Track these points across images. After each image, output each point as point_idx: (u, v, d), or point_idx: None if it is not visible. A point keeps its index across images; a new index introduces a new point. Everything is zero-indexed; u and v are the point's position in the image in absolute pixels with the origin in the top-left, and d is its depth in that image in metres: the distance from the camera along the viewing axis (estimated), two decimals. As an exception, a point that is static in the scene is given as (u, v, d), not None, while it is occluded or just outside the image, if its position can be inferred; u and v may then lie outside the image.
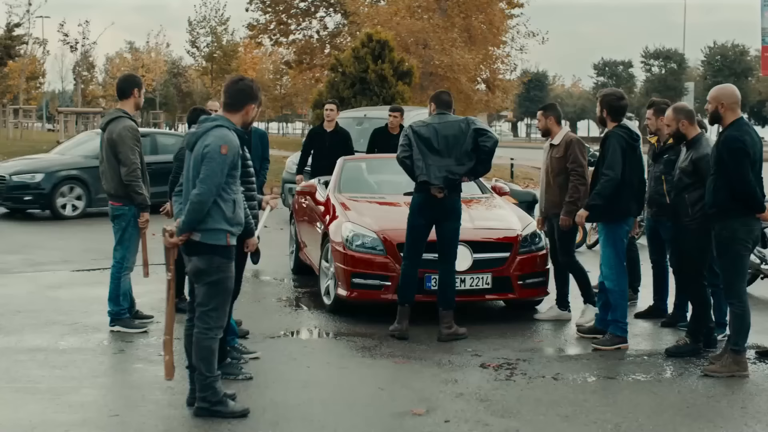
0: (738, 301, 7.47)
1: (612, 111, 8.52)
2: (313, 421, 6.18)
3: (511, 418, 6.34)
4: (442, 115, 8.82)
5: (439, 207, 8.59)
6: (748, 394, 7.02)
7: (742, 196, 7.30)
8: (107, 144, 8.32)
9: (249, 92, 6.28)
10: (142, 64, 79.27)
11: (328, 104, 13.35)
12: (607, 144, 8.35)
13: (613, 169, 8.28)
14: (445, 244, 8.67)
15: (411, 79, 29.17)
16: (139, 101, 8.52)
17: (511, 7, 46.56)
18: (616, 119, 8.53)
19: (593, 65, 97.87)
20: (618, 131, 8.42)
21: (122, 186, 8.27)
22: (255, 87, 6.36)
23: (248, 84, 6.32)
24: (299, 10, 53.83)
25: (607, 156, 8.31)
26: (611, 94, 8.68)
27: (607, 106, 8.54)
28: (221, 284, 6.15)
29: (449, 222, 8.63)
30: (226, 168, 6.00)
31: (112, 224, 8.57)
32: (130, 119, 8.37)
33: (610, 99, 8.61)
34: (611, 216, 8.39)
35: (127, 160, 8.19)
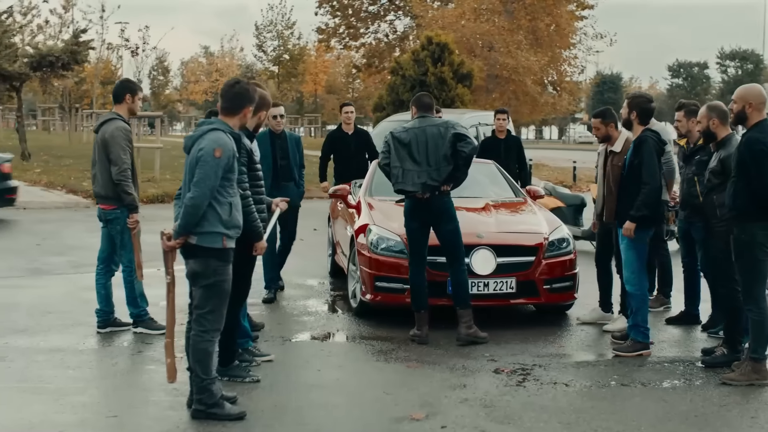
0: (756, 308, 7.25)
1: (642, 114, 8.34)
2: (308, 425, 6.16)
3: (511, 424, 6.24)
4: (422, 119, 8.71)
5: (429, 210, 8.51)
6: (762, 404, 6.82)
7: (763, 200, 7.09)
8: (100, 145, 8.38)
9: (245, 95, 6.30)
10: (216, 68, 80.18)
11: (346, 106, 13.22)
12: (642, 150, 8.14)
13: (654, 177, 8.13)
14: (447, 246, 8.60)
15: (471, 82, 29.02)
16: (132, 106, 8.54)
17: (581, 8, 46.11)
18: (644, 122, 8.36)
19: (668, 67, 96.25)
20: (650, 135, 8.26)
21: (113, 187, 8.32)
22: (251, 90, 6.37)
23: (244, 87, 6.34)
24: (368, 13, 53.91)
25: (643, 163, 8.12)
26: (641, 96, 8.51)
27: (638, 109, 8.36)
28: (217, 287, 6.16)
29: (443, 224, 8.54)
30: (220, 171, 6.01)
31: (103, 228, 8.65)
32: (123, 122, 8.44)
33: (641, 101, 8.43)
34: (643, 221, 8.20)
35: (118, 159, 8.25)
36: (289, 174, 10.49)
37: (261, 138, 9.37)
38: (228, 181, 6.12)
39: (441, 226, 8.55)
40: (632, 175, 8.19)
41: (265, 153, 9.32)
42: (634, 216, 8.09)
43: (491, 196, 10.81)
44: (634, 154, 8.22)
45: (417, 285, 8.61)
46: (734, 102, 7.37)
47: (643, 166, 8.10)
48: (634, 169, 8.18)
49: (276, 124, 10.18)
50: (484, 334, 8.53)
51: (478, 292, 8.92)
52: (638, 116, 8.33)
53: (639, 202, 8.08)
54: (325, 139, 13.70)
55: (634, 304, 8.24)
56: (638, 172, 8.11)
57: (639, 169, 8.11)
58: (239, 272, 7.12)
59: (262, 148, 8.90)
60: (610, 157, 9.07)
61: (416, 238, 8.63)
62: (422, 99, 8.96)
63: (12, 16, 31.96)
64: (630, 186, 8.22)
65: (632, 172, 8.20)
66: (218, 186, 6.04)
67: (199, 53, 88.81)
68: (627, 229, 8.13)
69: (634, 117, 8.34)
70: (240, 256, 7.06)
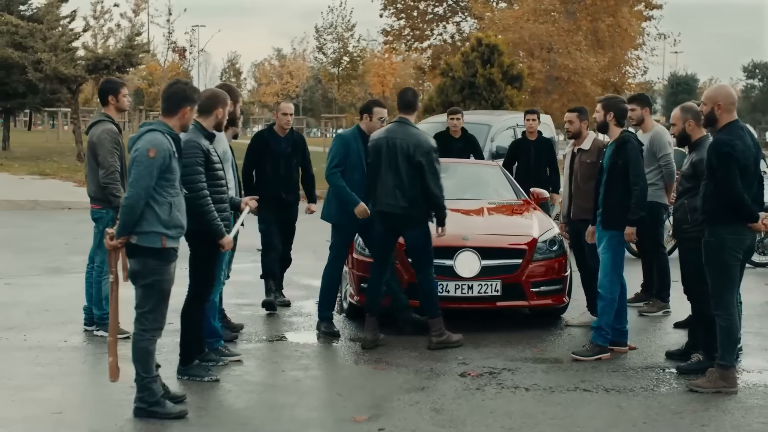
0: (725, 313, 7.08)
1: (619, 115, 8.26)
2: (247, 425, 6.19)
3: (451, 428, 6.18)
4: (399, 124, 8.43)
5: (395, 216, 8.35)
6: (720, 411, 6.65)
7: (730, 203, 6.92)
8: (89, 147, 8.49)
9: (182, 95, 6.35)
10: (288, 70, 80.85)
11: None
12: (627, 150, 8.04)
13: (642, 178, 8.09)
14: (413, 252, 8.47)
15: (521, 84, 28.79)
16: (119, 105, 8.62)
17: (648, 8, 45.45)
18: (621, 123, 8.25)
19: (742, 67, 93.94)
20: (632, 137, 8.14)
21: (101, 189, 8.43)
22: (189, 90, 6.41)
23: (181, 87, 6.39)
24: (434, 15, 53.81)
25: (630, 164, 8.02)
26: (616, 97, 8.42)
27: (615, 110, 8.25)
28: (156, 287, 6.22)
29: (410, 230, 8.34)
30: (155, 171, 6.06)
31: (95, 228, 8.77)
32: (111, 123, 8.52)
33: (617, 102, 8.33)
34: (621, 224, 8.06)
35: (105, 162, 8.33)
36: None
37: (351, 137, 8.91)
38: (167, 181, 6.16)
39: (408, 232, 8.38)
40: (616, 176, 8.05)
41: (357, 155, 8.82)
42: (632, 220, 7.98)
43: (492, 198, 10.71)
44: (617, 154, 8.09)
45: (373, 289, 8.54)
46: (703, 103, 7.21)
47: (631, 167, 7.99)
48: (618, 169, 8.04)
49: (285, 122, 10.02)
50: (457, 338, 8.43)
51: (462, 294, 8.85)
52: (615, 118, 8.20)
53: (633, 205, 7.98)
54: None
55: (600, 307, 8.11)
56: (623, 173, 8.00)
57: (624, 170, 7.99)
58: (201, 270, 7.22)
59: (353, 148, 8.75)
60: (578, 154, 8.95)
61: (381, 244, 8.55)
62: (402, 97, 8.64)
63: (74, 20, 32.72)
64: (615, 187, 8.08)
65: (616, 173, 8.06)
66: (156, 186, 6.10)
67: (271, 55, 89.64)
68: (628, 235, 8.02)
69: (611, 119, 8.21)
70: (201, 254, 7.16)
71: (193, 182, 6.84)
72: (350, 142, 8.81)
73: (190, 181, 6.82)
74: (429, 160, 8.17)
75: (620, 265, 8.15)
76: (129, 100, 8.88)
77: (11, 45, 28.40)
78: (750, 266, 12.83)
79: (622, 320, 8.35)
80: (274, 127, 10.11)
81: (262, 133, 10.28)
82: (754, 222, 6.99)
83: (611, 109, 8.23)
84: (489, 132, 18.24)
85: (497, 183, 11.20)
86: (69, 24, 32.34)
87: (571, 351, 8.23)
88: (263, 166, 9.93)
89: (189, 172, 6.84)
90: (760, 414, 6.60)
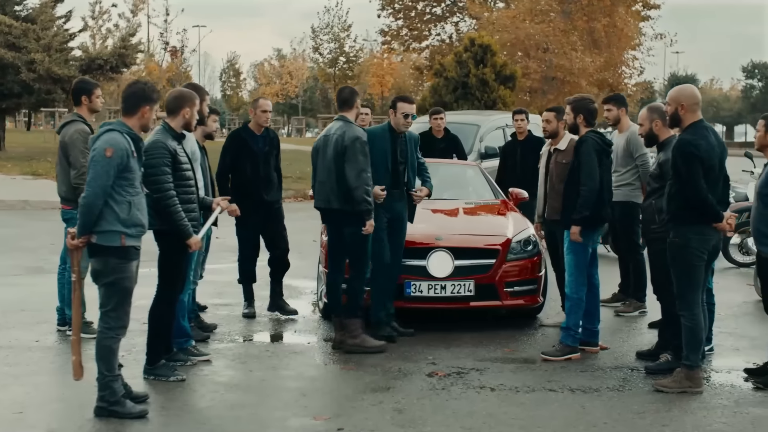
0: (689, 314, 7.07)
1: (589, 115, 8.23)
2: (206, 425, 6.20)
3: (411, 428, 6.18)
4: (337, 122, 8.39)
5: (331, 214, 8.37)
6: (682, 412, 6.64)
7: (694, 203, 6.91)
8: (60, 147, 8.49)
9: (141, 95, 6.36)
10: (288, 71, 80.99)
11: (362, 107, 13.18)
12: (581, 151, 8.03)
13: (592, 178, 8.00)
14: (347, 250, 8.42)
15: (514, 84, 28.78)
16: (92, 106, 8.61)
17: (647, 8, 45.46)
18: (591, 124, 8.24)
19: (741, 67, 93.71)
20: (592, 137, 8.13)
21: (72, 189, 8.42)
22: (148, 89, 6.42)
23: (140, 87, 6.41)
24: (433, 15, 53.82)
25: (581, 164, 8.00)
26: (584, 98, 8.38)
27: (585, 111, 8.23)
28: (118, 285, 6.23)
29: (347, 227, 8.27)
30: (112, 170, 6.07)
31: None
32: (84, 123, 8.52)
33: (586, 103, 8.30)
34: (582, 224, 8.06)
35: (76, 162, 8.32)
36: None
37: (379, 133, 8.78)
38: (126, 180, 6.17)
39: (345, 228, 8.33)
40: (574, 176, 8.06)
41: (382, 152, 8.67)
42: (576, 219, 7.96)
43: (470, 198, 10.72)
44: (575, 155, 8.10)
45: (331, 290, 8.55)
46: (668, 104, 7.22)
47: (581, 166, 7.98)
48: (574, 170, 8.04)
49: (265, 120, 9.71)
50: (376, 343, 8.27)
51: (435, 294, 8.85)
52: (585, 119, 8.19)
53: (579, 204, 7.95)
54: None
55: (567, 308, 8.11)
56: (578, 173, 7.97)
57: (579, 171, 7.97)
58: (169, 271, 7.22)
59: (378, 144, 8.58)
60: (554, 154, 8.94)
61: (331, 243, 8.56)
62: (339, 94, 8.57)
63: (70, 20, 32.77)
64: (573, 188, 8.08)
65: (574, 173, 8.06)
66: (114, 185, 6.11)
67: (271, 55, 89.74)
68: (573, 234, 8.00)
69: (581, 120, 8.19)
70: (170, 255, 7.17)
71: (159, 182, 6.86)
72: (375, 139, 8.65)
73: (156, 182, 6.84)
74: (352, 150, 8.04)
75: (584, 264, 8.14)
76: (102, 101, 8.86)
77: (5, 45, 28.43)
78: (733, 266, 12.93)
79: (594, 320, 8.35)
80: (249, 124, 9.77)
81: (238, 132, 9.90)
82: (719, 222, 7.00)
83: (580, 111, 8.21)
84: (478, 132, 18.25)
85: (476, 183, 11.20)
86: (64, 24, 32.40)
87: (541, 351, 8.23)
88: (241, 167, 9.54)
89: (156, 172, 6.86)
90: (723, 414, 6.59)
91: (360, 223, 8.12)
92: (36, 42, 27.73)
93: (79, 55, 29.15)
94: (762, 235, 7.23)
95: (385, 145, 8.71)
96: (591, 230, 8.11)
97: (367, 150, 8.09)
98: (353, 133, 8.12)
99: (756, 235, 7.35)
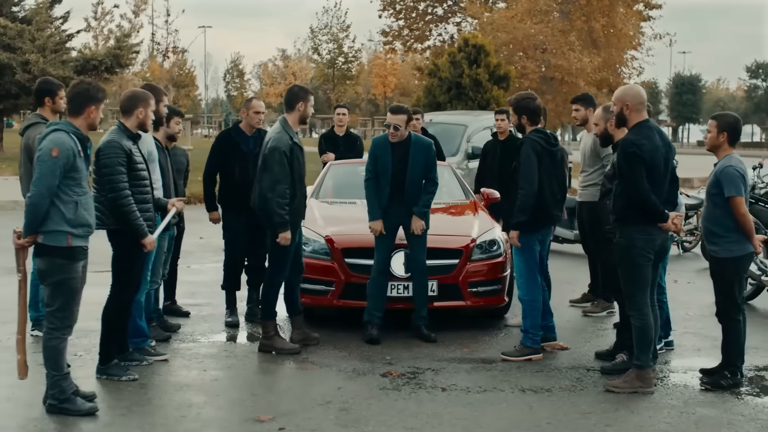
0: (638, 314, 7.09)
1: (531, 114, 8.18)
2: (153, 423, 6.23)
3: (353, 427, 6.19)
4: (277, 125, 8.36)
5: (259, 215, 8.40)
6: (630, 412, 6.64)
7: (636, 203, 6.93)
8: (24, 149, 8.48)
9: (86, 95, 6.39)
10: (292, 71, 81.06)
11: (339, 108, 13.21)
12: (521, 152, 7.99)
13: (529, 182, 7.91)
14: (268, 251, 8.51)
15: (508, 84, 28.75)
16: (55, 107, 8.59)
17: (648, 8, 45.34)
18: (535, 122, 8.18)
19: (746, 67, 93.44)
20: (534, 137, 8.07)
21: None
22: (93, 89, 6.44)
23: (85, 87, 6.43)
24: (434, 16, 53.75)
25: (520, 166, 7.95)
26: (524, 97, 8.28)
27: (526, 111, 8.17)
28: (64, 285, 6.26)
29: (268, 229, 8.32)
30: (57, 170, 6.10)
31: None
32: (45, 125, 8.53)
33: (526, 102, 8.22)
34: (527, 225, 8.05)
35: None
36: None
37: (380, 143, 8.91)
38: (72, 180, 6.20)
39: (268, 230, 8.36)
40: (515, 178, 8.04)
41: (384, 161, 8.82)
42: (512, 223, 7.95)
43: (440, 198, 10.69)
44: (516, 157, 8.09)
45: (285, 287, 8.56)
46: (614, 104, 7.22)
47: (520, 169, 7.93)
48: (514, 173, 8.04)
49: (257, 122, 9.52)
50: (289, 346, 8.28)
51: (398, 294, 8.86)
52: (528, 118, 8.16)
53: (516, 208, 7.93)
54: (319, 139, 13.68)
55: (523, 311, 8.11)
56: (517, 176, 7.97)
57: (517, 174, 7.97)
58: (123, 271, 7.25)
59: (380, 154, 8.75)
60: None
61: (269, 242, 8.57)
62: (286, 93, 8.57)
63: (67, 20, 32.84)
64: (513, 190, 8.06)
65: (515, 175, 8.05)
66: (61, 185, 6.14)
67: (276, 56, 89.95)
68: (512, 238, 8.00)
69: (525, 120, 8.17)
70: (123, 255, 7.19)
71: (114, 182, 6.90)
72: (376, 148, 8.88)
73: (111, 182, 6.89)
74: (270, 160, 8.03)
75: (534, 265, 8.14)
76: (64, 103, 8.87)
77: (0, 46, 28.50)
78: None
79: (547, 316, 8.36)
80: (240, 125, 9.59)
81: (228, 132, 9.75)
82: (663, 222, 7.00)
83: (522, 112, 8.15)
84: (465, 132, 18.28)
85: (448, 183, 11.19)
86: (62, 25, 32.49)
87: (502, 352, 8.23)
88: (230, 169, 9.34)
89: (111, 172, 6.90)
90: (669, 414, 6.60)
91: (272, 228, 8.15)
92: (31, 43, 27.82)
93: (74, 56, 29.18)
94: (712, 234, 7.23)
95: (385, 153, 8.80)
96: (533, 232, 8.09)
97: (285, 161, 8.04)
98: (274, 143, 8.08)
99: (706, 234, 7.35)
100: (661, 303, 8.20)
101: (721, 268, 7.22)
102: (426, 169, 8.87)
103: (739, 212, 7.04)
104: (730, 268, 7.17)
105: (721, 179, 7.08)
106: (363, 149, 13.00)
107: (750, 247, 7.14)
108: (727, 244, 7.13)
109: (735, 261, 7.16)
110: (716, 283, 7.31)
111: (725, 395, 7.10)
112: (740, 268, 7.23)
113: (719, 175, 7.12)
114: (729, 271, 7.18)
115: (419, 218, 8.71)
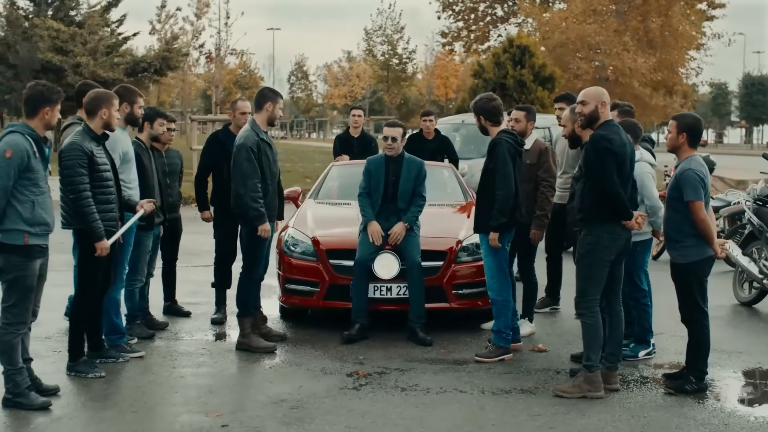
0: (590, 312, 7.05)
1: (490, 115, 8.14)
2: (104, 420, 6.36)
3: (295, 425, 6.25)
4: (247, 124, 8.58)
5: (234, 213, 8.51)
6: (580, 414, 6.59)
7: (606, 197, 6.88)
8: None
9: (40, 97, 6.57)
10: (356, 72, 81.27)
11: (354, 109, 13.31)
12: (496, 153, 7.96)
13: (507, 183, 7.91)
14: (243, 249, 8.59)
15: (553, 85, 28.52)
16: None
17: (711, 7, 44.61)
18: (497, 122, 8.15)
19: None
20: (504, 138, 8.03)
21: None
22: (47, 91, 6.61)
23: (39, 89, 6.61)
24: (494, 16, 53.56)
25: (497, 168, 7.93)
26: (481, 99, 8.24)
27: (483, 112, 8.15)
28: (19, 282, 6.45)
29: (242, 227, 8.52)
30: (12, 171, 6.30)
31: None
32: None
33: (483, 103, 8.18)
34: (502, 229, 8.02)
35: None
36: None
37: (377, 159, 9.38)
38: (28, 180, 6.39)
39: (242, 228, 8.53)
40: (486, 179, 8.01)
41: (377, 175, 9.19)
42: (495, 226, 7.92)
43: (438, 199, 10.70)
44: (488, 158, 8.05)
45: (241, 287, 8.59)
46: (585, 103, 7.15)
47: (497, 171, 7.90)
48: (489, 173, 8.00)
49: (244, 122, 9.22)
50: (264, 344, 8.37)
51: (381, 296, 8.89)
52: (487, 119, 8.12)
53: (495, 210, 7.90)
54: (334, 141, 13.78)
55: (495, 310, 8.09)
56: (493, 176, 7.93)
57: (494, 174, 7.93)
58: (86, 270, 7.39)
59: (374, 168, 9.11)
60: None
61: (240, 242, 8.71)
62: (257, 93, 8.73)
63: (123, 23, 33.45)
64: (485, 191, 8.03)
65: (487, 176, 8.02)
66: (17, 185, 6.35)
67: (341, 57, 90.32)
68: (492, 240, 7.97)
69: (485, 121, 8.14)
70: (87, 254, 7.32)
71: (74, 183, 7.06)
72: (371, 165, 9.27)
73: (72, 183, 7.06)
74: (238, 157, 8.19)
75: (504, 265, 8.12)
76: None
77: (53, 49, 29.14)
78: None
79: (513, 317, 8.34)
80: (230, 127, 9.72)
81: (216, 134, 9.92)
82: (628, 220, 6.96)
83: (481, 113, 8.14)
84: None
85: (448, 184, 11.21)
86: (117, 28, 33.09)
87: (476, 353, 8.23)
88: (220, 170, 9.47)
89: (71, 173, 7.06)
90: (619, 417, 6.55)
91: (250, 223, 8.27)
92: (83, 46, 28.38)
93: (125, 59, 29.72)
94: (672, 240, 7.16)
95: (379, 172, 9.12)
96: (505, 233, 8.07)
97: (253, 157, 8.17)
98: (241, 141, 8.25)
99: (666, 239, 7.28)
100: (645, 306, 8.13)
101: (679, 273, 7.15)
102: (416, 185, 9.13)
103: (698, 217, 6.96)
104: (689, 273, 7.09)
105: (681, 183, 7.01)
106: (378, 150, 13.04)
107: (710, 251, 7.06)
108: (684, 248, 7.05)
109: (693, 266, 7.07)
110: (677, 289, 7.23)
111: (686, 399, 7.02)
112: (700, 273, 7.13)
113: (679, 178, 7.04)
114: (688, 277, 7.10)
115: (403, 224, 8.84)
